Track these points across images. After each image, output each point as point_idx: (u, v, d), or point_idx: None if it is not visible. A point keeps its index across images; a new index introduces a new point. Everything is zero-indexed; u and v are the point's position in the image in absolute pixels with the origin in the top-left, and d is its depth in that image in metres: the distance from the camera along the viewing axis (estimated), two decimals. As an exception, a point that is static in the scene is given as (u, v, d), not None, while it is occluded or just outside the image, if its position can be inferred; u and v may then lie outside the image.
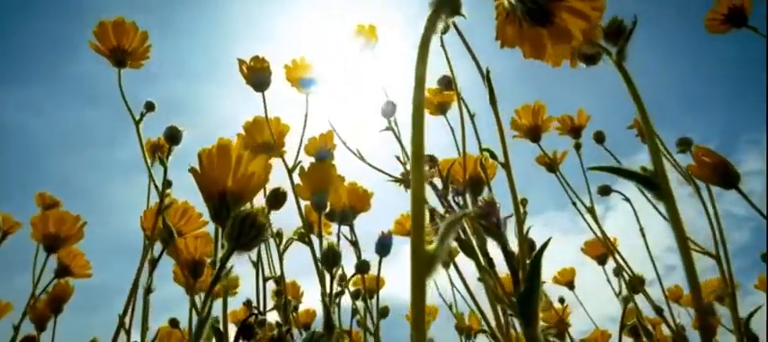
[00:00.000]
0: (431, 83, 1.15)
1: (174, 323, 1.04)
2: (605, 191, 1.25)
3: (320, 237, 0.83)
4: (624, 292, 1.36)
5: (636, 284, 1.12)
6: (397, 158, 1.14)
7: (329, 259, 0.71)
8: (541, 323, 0.96)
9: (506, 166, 0.79)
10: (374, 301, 1.19)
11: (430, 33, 0.42)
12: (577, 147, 1.33)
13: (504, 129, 0.79)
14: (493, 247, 0.85)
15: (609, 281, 1.58)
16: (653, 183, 0.46)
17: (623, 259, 1.42)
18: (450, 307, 1.43)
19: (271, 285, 1.08)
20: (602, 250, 1.61)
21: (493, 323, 0.95)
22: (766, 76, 0.96)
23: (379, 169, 1.13)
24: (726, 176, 0.73)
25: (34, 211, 1.19)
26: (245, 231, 0.50)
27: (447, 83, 1.16)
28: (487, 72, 0.81)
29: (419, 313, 0.33)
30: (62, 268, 1.14)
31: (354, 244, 1.24)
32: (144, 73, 1.14)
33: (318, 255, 0.85)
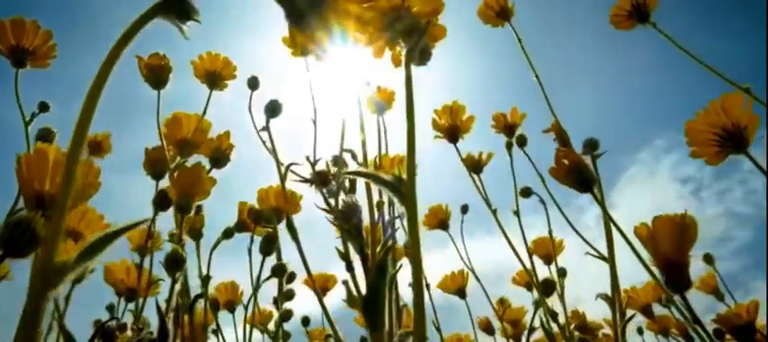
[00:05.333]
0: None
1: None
2: (526, 193, 1.22)
3: (179, 239, 0.83)
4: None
5: (549, 287, 1.10)
6: (307, 159, 1.13)
7: (170, 263, 0.70)
8: (400, 330, 0.95)
9: (364, 165, 0.78)
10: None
11: (134, 31, 0.41)
12: (509, 146, 1.30)
13: (364, 128, 0.78)
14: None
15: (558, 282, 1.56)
16: (398, 188, 0.45)
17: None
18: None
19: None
20: (548, 250, 1.58)
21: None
22: (766, 73, 0.94)
23: (290, 169, 1.13)
24: (580, 179, 0.70)
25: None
26: (17, 237, 0.50)
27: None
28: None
29: (31, 326, 0.32)
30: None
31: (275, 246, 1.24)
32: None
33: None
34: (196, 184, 0.82)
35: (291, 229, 0.81)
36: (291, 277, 1.40)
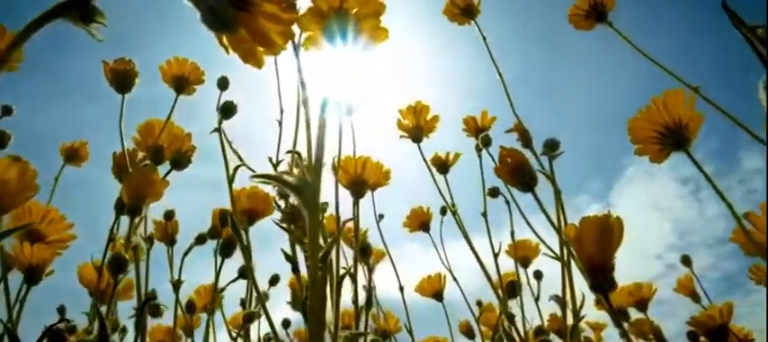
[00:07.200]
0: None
1: None
2: (493, 193, 1.22)
3: (127, 242, 0.83)
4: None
5: (514, 289, 1.09)
6: (270, 160, 1.13)
7: (112, 266, 0.70)
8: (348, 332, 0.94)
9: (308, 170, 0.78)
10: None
11: (28, 33, 0.41)
12: (478, 149, 1.29)
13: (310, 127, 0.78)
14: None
15: (529, 284, 1.55)
16: (300, 191, 0.45)
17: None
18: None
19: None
20: (524, 253, 1.57)
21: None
22: (766, 72, 0.93)
23: (256, 172, 1.13)
24: (521, 178, 0.70)
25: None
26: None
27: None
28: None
29: None
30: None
31: (245, 249, 1.24)
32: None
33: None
34: (147, 186, 0.82)
35: (236, 232, 0.81)
36: (275, 280, 1.41)
